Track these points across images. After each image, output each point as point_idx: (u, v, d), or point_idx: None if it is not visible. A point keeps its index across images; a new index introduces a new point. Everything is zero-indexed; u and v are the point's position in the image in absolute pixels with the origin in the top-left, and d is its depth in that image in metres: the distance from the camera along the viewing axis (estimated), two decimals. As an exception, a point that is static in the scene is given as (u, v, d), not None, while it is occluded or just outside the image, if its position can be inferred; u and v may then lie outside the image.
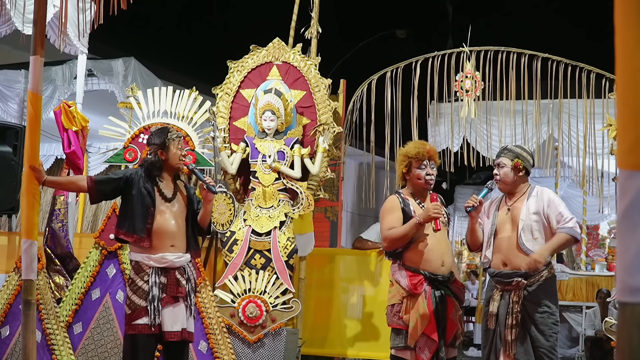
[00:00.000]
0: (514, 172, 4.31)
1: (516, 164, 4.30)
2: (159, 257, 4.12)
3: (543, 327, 4.13)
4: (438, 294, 4.24)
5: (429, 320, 4.19)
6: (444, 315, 4.23)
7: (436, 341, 4.18)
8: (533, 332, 4.12)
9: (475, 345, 11.76)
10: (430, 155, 4.38)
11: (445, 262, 4.29)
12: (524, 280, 4.15)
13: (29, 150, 3.88)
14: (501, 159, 4.35)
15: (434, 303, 4.22)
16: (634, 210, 1.31)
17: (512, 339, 4.10)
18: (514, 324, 4.11)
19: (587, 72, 6.45)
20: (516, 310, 4.12)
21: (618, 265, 1.35)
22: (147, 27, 13.19)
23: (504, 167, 4.32)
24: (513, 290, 4.16)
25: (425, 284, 4.23)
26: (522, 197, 4.31)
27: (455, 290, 4.31)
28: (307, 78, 6.15)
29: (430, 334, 4.18)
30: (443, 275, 4.26)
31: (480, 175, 14.71)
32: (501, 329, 4.17)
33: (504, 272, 4.21)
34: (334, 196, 7.87)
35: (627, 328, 1.32)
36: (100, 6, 4.19)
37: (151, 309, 4.05)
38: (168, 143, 4.23)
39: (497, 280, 4.27)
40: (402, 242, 4.29)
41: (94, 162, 10.20)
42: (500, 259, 4.25)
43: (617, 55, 1.36)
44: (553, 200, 4.27)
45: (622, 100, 1.36)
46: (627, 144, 1.34)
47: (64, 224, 5.85)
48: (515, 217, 4.27)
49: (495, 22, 12.96)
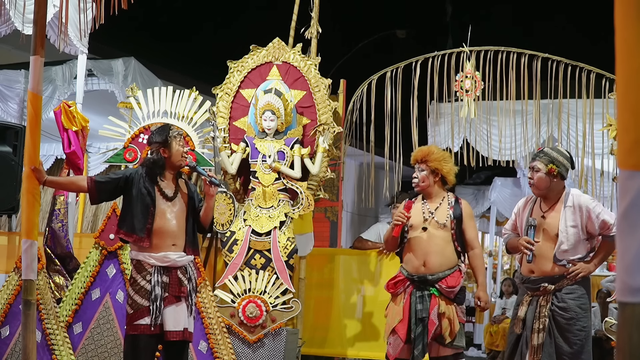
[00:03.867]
0: (548, 178, 4.17)
1: (551, 169, 4.16)
2: (161, 256, 4.12)
3: (567, 334, 4.08)
4: (419, 293, 4.27)
5: (402, 319, 4.27)
6: (426, 315, 4.25)
7: (402, 339, 4.25)
8: (557, 338, 4.09)
9: (475, 345, 11.77)
10: (416, 160, 4.45)
11: (427, 263, 4.30)
12: (552, 286, 4.11)
13: (29, 150, 3.88)
14: (536, 162, 4.20)
15: (412, 303, 4.27)
16: (634, 210, 1.31)
17: (539, 344, 4.06)
18: (541, 329, 4.08)
19: (587, 72, 6.45)
20: (543, 314, 4.09)
21: (618, 265, 1.35)
22: (147, 27, 13.19)
23: (538, 172, 4.18)
24: (541, 296, 4.14)
25: (407, 283, 4.34)
26: (558, 205, 4.18)
27: (442, 290, 4.30)
28: (307, 78, 6.15)
29: (399, 332, 4.27)
30: (420, 275, 4.29)
31: (480, 175, 14.69)
32: (528, 334, 4.14)
33: (532, 279, 4.18)
34: (334, 196, 7.87)
35: (627, 328, 1.32)
36: (101, 6, 4.19)
37: (153, 308, 4.04)
38: (170, 140, 4.22)
39: (526, 286, 4.25)
40: (388, 244, 4.52)
41: (94, 162, 10.20)
42: (528, 267, 4.20)
43: (617, 55, 1.36)
44: (593, 209, 4.11)
45: (622, 100, 1.36)
46: (627, 144, 1.34)
47: (64, 224, 5.85)
48: (550, 226, 4.15)
49: (495, 22, 12.96)
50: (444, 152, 4.53)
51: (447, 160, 4.45)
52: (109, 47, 9.09)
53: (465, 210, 4.44)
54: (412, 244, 4.37)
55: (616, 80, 1.39)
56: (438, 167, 4.41)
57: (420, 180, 4.41)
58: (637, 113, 1.33)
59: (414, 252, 4.34)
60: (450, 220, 4.38)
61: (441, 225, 4.34)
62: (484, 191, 13.78)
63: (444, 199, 4.45)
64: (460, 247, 4.37)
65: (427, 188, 4.43)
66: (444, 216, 4.37)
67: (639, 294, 1.30)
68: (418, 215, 4.40)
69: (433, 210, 4.39)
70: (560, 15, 13.36)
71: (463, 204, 4.48)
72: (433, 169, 4.40)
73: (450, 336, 4.27)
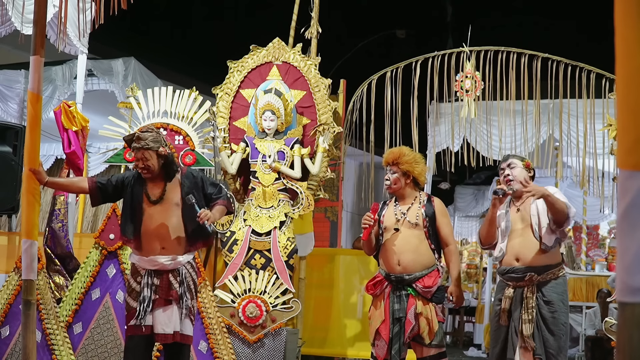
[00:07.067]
0: (525, 171, 4.33)
1: (527, 164, 4.36)
2: (150, 260, 4.11)
3: (553, 327, 4.15)
4: (397, 293, 4.30)
5: (384, 319, 4.32)
6: (403, 315, 4.28)
7: (385, 340, 4.29)
8: (544, 332, 4.15)
9: (475, 345, 11.77)
10: (388, 162, 4.49)
11: (401, 262, 4.32)
12: (537, 275, 4.17)
13: (29, 151, 3.88)
14: (511, 160, 4.37)
15: (391, 302, 4.31)
16: (634, 210, 1.31)
17: (530, 333, 4.11)
18: (530, 319, 4.13)
19: (587, 72, 6.45)
20: (531, 306, 4.14)
21: (618, 265, 1.35)
22: (147, 27, 13.18)
23: (515, 167, 4.32)
24: (526, 287, 4.18)
25: (386, 284, 4.39)
26: (530, 198, 4.30)
27: (419, 290, 4.31)
28: (307, 78, 6.15)
29: (382, 333, 4.32)
30: (397, 275, 4.32)
31: (480, 175, 14.69)
32: (516, 324, 4.18)
33: (516, 268, 4.23)
34: (334, 196, 7.88)
35: (627, 328, 1.32)
36: (101, 6, 4.19)
37: (140, 309, 4.04)
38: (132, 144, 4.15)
39: (509, 277, 4.28)
40: (364, 248, 4.56)
41: (94, 162, 10.21)
42: (513, 255, 4.27)
43: (617, 55, 1.36)
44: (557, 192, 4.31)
45: (622, 100, 1.36)
46: (627, 144, 1.34)
47: (64, 224, 5.85)
48: (525, 215, 4.29)
49: (495, 22, 12.95)
50: (416, 153, 4.56)
51: (418, 162, 4.48)
52: (109, 47, 9.08)
53: (438, 208, 4.46)
54: (386, 245, 4.42)
55: (616, 80, 1.39)
56: (409, 169, 4.44)
57: (392, 182, 4.44)
58: (637, 113, 1.33)
59: (388, 252, 4.39)
60: (422, 218, 4.40)
61: (413, 224, 4.37)
62: (484, 191, 13.78)
63: (416, 199, 4.48)
64: (434, 245, 4.39)
65: (399, 190, 4.47)
66: (415, 215, 4.39)
67: (639, 294, 1.30)
68: (391, 217, 4.45)
69: (405, 210, 4.42)
70: (560, 15, 13.36)
71: (436, 201, 4.50)
72: (404, 171, 4.43)
73: (430, 336, 4.27)
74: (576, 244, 12.45)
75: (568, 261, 11.91)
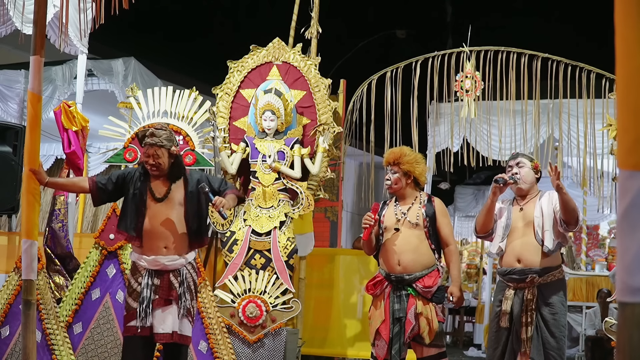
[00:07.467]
0: (533, 172, 4.37)
1: (536, 165, 4.39)
2: (152, 260, 4.09)
3: (554, 329, 4.17)
4: (397, 293, 4.30)
5: (384, 319, 4.32)
6: (403, 315, 4.28)
7: (385, 340, 4.29)
8: (544, 333, 4.16)
9: (475, 345, 11.77)
10: (389, 162, 4.49)
11: (402, 261, 4.32)
12: (538, 277, 4.17)
13: (29, 151, 3.88)
14: (520, 159, 4.39)
15: (391, 302, 4.31)
16: (634, 210, 1.31)
17: (528, 337, 4.12)
18: (529, 322, 4.14)
19: (587, 72, 6.45)
20: (531, 308, 4.15)
21: (618, 265, 1.35)
22: (147, 27, 13.17)
23: (523, 167, 4.36)
24: (527, 288, 4.19)
25: (386, 284, 4.39)
26: (534, 199, 4.33)
27: (419, 290, 4.31)
28: (307, 78, 6.15)
29: (382, 333, 4.32)
30: (397, 275, 4.32)
31: (480, 175, 14.70)
32: (517, 328, 4.18)
33: (517, 269, 4.23)
34: (334, 196, 7.88)
35: (627, 328, 1.32)
36: (101, 6, 4.19)
37: (140, 310, 4.04)
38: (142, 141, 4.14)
39: (509, 278, 4.28)
40: (364, 248, 4.56)
41: (94, 162, 10.21)
42: (514, 256, 4.27)
43: (617, 55, 1.36)
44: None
45: (622, 100, 1.36)
46: (627, 144, 1.34)
47: (64, 224, 5.85)
48: (528, 215, 4.30)
49: (495, 22, 12.94)
50: (416, 154, 4.56)
51: (419, 162, 4.48)
52: (109, 47, 9.08)
53: (438, 208, 4.46)
54: (386, 245, 4.42)
55: (616, 80, 1.39)
56: (410, 170, 4.43)
57: (392, 182, 4.44)
58: (637, 113, 1.33)
59: (388, 252, 4.39)
60: (422, 218, 4.39)
61: (413, 224, 4.37)
62: (484, 191, 13.79)
63: (416, 199, 4.48)
64: (434, 245, 4.39)
65: (399, 190, 4.47)
66: (416, 215, 4.39)
67: (639, 294, 1.30)
68: (391, 217, 4.45)
69: (405, 211, 4.42)
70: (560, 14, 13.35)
71: (436, 202, 4.49)
72: (405, 171, 4.43)
73: (430, 336, 4.27)
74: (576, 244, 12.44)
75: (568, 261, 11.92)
